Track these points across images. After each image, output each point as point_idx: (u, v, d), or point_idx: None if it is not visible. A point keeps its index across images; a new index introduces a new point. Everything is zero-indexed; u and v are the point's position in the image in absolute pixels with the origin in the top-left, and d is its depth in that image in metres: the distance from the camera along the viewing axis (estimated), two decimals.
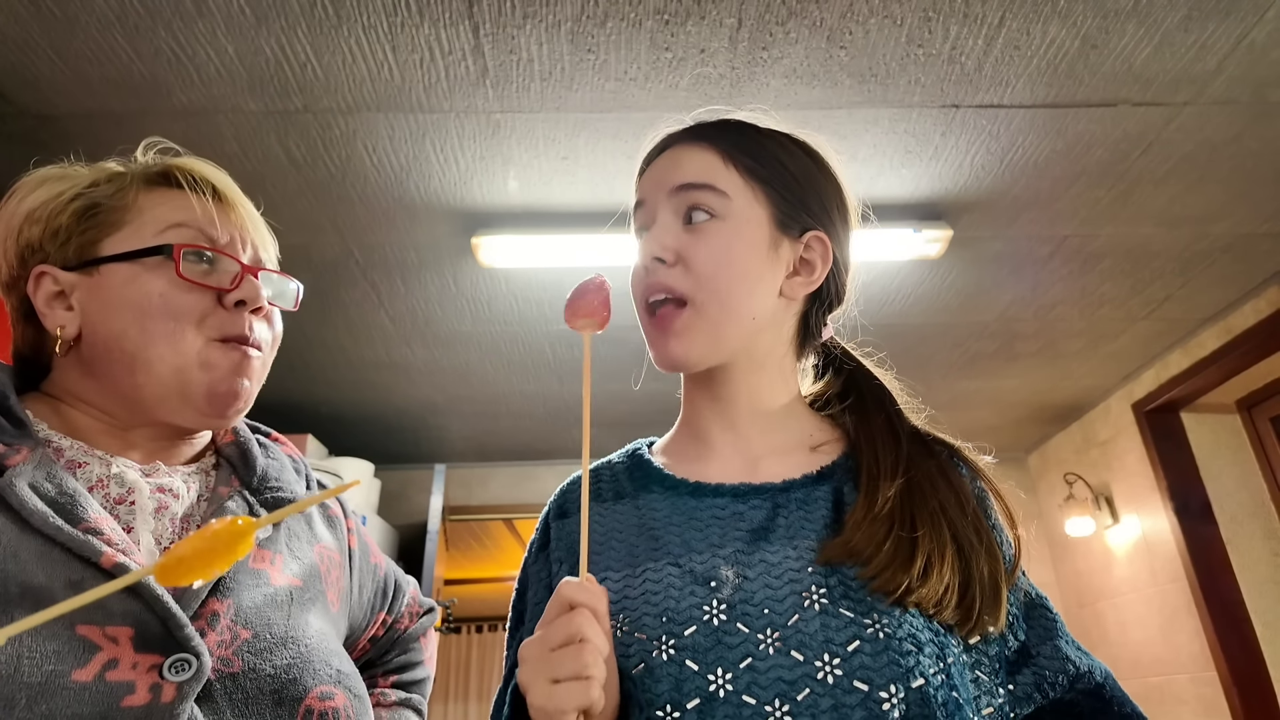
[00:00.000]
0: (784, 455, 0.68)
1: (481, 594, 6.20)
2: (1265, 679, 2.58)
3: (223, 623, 0.58)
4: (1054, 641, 0.63)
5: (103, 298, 0.64)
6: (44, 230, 0.65)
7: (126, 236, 0.65)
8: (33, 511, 0.54)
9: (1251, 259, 2.22)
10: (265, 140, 1.68)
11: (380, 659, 0.89)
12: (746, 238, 0.66)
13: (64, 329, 0.64)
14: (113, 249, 0.65)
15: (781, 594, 0.57)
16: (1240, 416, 2.90)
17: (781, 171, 0.69)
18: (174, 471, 0.67)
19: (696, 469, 0.69)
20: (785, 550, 0.60)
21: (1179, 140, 1.74)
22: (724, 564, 0.60)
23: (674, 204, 0.67)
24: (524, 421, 3.27)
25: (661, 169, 0.70)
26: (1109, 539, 3.21)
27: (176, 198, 0.67)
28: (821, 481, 0.65)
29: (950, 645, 0.57)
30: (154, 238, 0.65)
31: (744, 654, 0.55)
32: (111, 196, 0.66)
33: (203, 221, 0.67)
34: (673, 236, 0.66)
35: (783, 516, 0.62)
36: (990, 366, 2.87)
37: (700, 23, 1.43)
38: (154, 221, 0.66)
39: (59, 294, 0.65)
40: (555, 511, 0.72)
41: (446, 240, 2.06)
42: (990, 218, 2.00)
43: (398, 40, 1.45)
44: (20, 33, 1.39)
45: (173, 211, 0.67)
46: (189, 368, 0.64)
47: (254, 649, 0.59)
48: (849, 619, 0.55)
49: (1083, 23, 1.44)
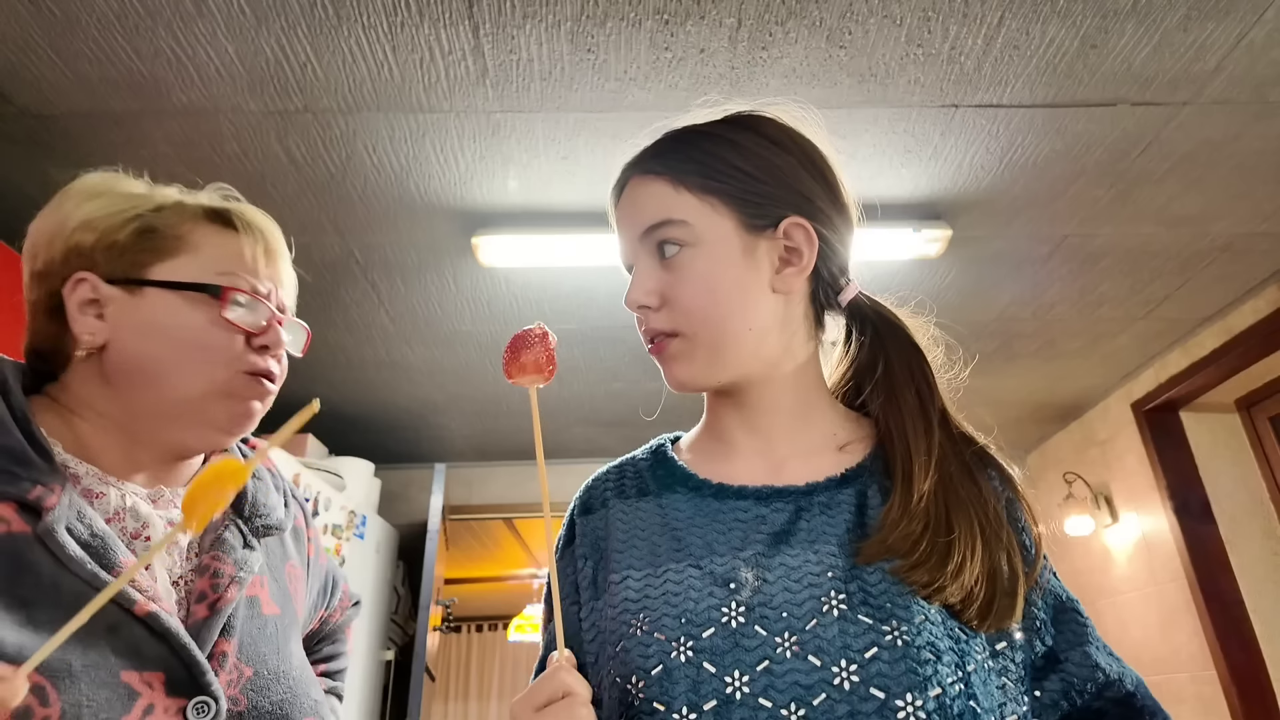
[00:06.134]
0: (808, 457, 0.67)
1: (481, 593, 6.20)
2: (1265, 678, 2.58)
3: (230, 661, 0.63)
4: (1083, 648, 0.62)
5: (140, 318, 0.66)
6: (97, 240, 0.67)
7: (177, 266, 0.68)
8: (72, 558, 0.57)
9: (1251, 258, 2.22)
10: (265, 140, 1.68)
11: (311, 649, 0.93)
12: (719, 256, 0.65)
13: (92, 336, 0.66)
14: (162, 275, 0.67)
15: (800, 598, 0.57)
16: (1240, 416, 2.90)
17: (734, 173, 0.66)
18: (175, 496, 0.70)
19: (720, 469, 0.68)
20: (806, 554, 0.59)
21: (1178, 140, 1.74)
22: (744, 566, 0.60)
23: (645, 246, 0.67)
24: (524, 421, 3.27)
25: (625, 211, 0.70)
26: (1108, 538, 3.21)
27: (231, 241, 0.71)
28: (846, 485, 0.64)
29: (972, 653, 0.56)
30: (203, 274, 0.68)
31: (761, 657, 0.55)
32: (170, 225, 0.69)
33: (250, 269, 0.71)
34: (653, 279, 0.66)
35: (805, 520, 0.62)
36: (990, 366, 2.87)
37: (700, 23, 1.43)
38: (207, 259, 0.69)
39: (93, 302, 0.66)
40: (580, 508, 0.73)
41: (446, 240, 2.06)
42: (989, 217, 2.01)
43: (397, 40, 1.45)
44: (20, 33, 1.40)
45: (226, 254, 0.70)
46: (213, 395, 0.67)
47: (255, 686, 0.64)
48: (867, 625, 0.55)
49: (1082, 22, 1.44)
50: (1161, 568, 2.89)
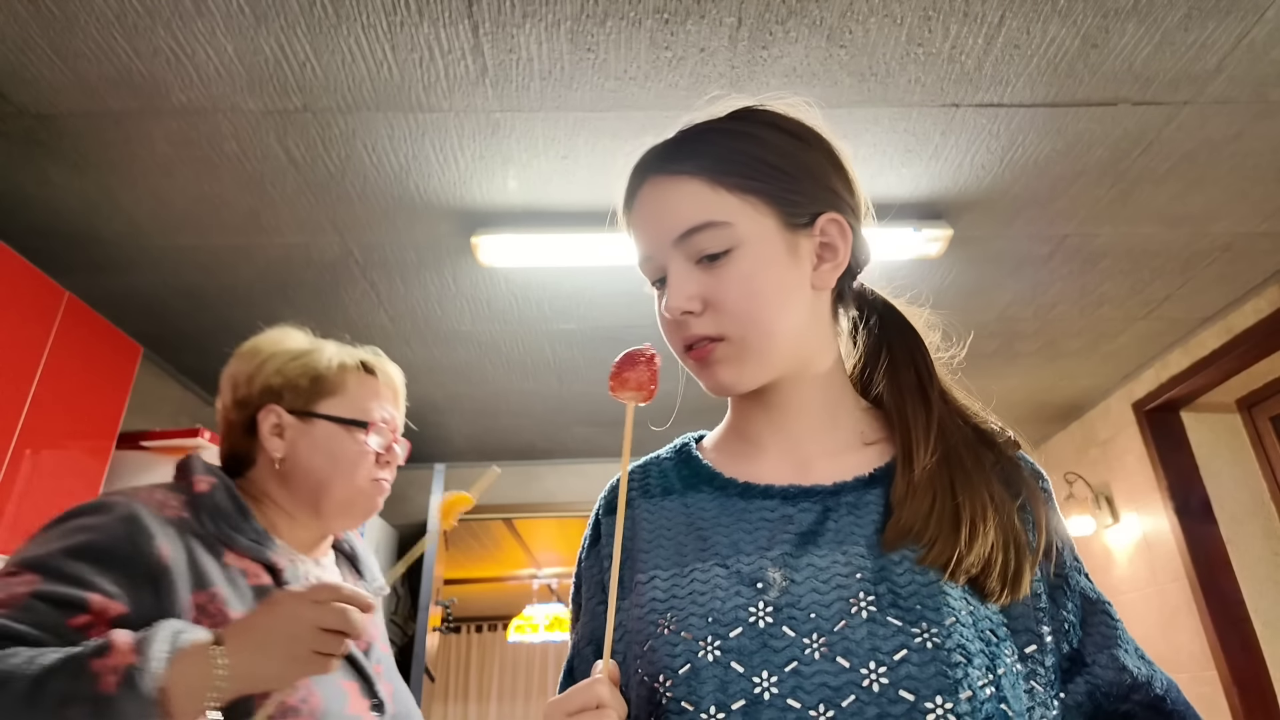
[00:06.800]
0: (835, 456, 0.67)
1: (481, 594, 6.20)
2: (1265, 678, 2.58)
3: (382, 680, 0.92)
4: (1111, 650, 0.62)
5: (310, 440, 0.95)
6: (284, 383, 0.96)
7: (336, 403, 0.97)
8: None
9: (1251, 258, 2.21)
10: (265, 139, 1.68)
11: None
12: (765, 256, 0.63)
13: (278, 452, 0.95)
14: (326, 410, 0.97)
15: (829, 599, 0.57)
16: (1240, 416, 2.90)
17: (771, 171, 0.65)
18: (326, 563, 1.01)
19: (746, 469, 0.68)
20: (834, 555, 0.59)
21: (1179, 139, 1.74)
22: (771, 566, 0.59)
23: (682, 252, 0.64)
24: (524, 420, 3.27)
25: (652, 215, 0.66)
26: (1109, 538, 3.21)
27: (374, 386, 1.01)
28: (874, 484, 0.64)
29: (1002, 656, 0.56)
30: (353, 410, 0.97)
31: (789, 658, 0.55)
32: (333, 374, 0.98)
33: (386, 408, 1.01)
34: (694, 284, 0.63)
35: (832, 520, 0.61)
36: (990, 366, 2.87)
37: (700, 22, 1.43)
38: (357, 399, 0.99)
39: (278, 426, 0.95)
40: (605, 508, 0.73)
41: (446, 239, 2.05)
42: (990, 217, 2.00)
43: (397, 39, 1.45)
44: (19, 32, 1.39)
45: (370, 398, 1.00)
46: (358, 496, 0.97)
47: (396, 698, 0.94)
48: (897, 628, 0.55)
49: (1083, 22, 1.44)
50: (1162, 568, 2.89)
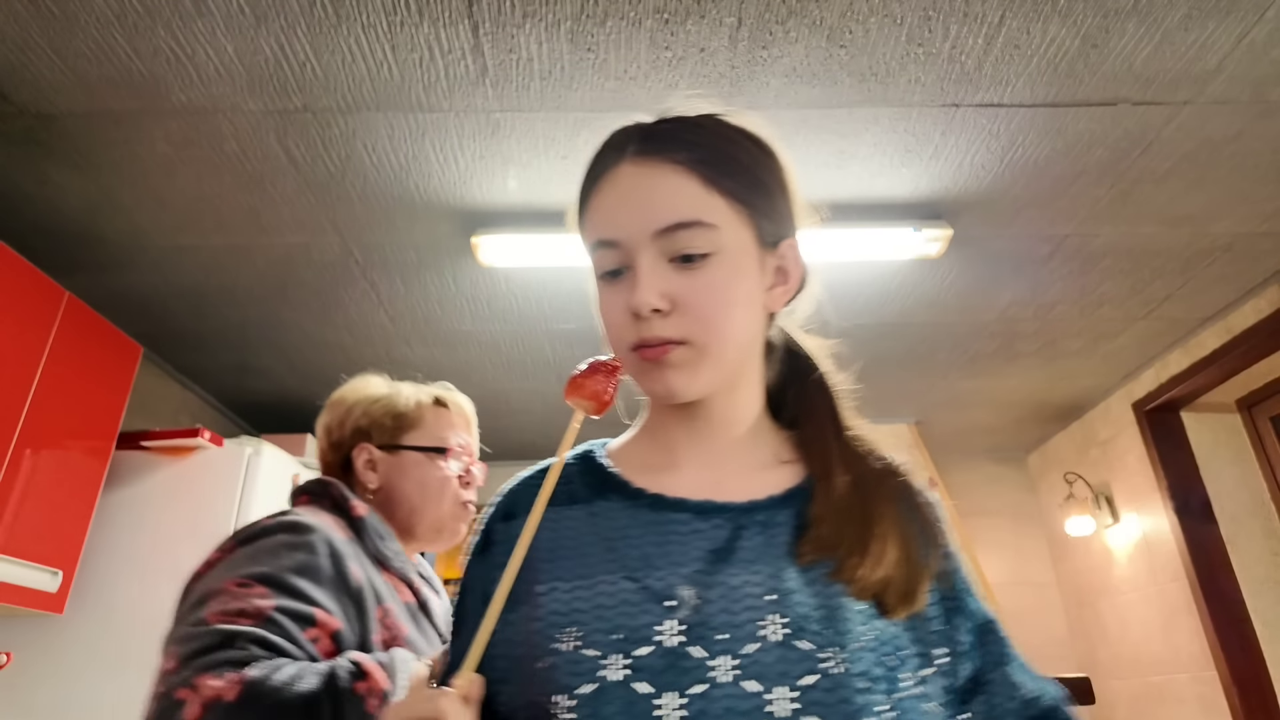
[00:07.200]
0: (750, 474, 0.65)
1: None
2: (1265, 678, 2.58)
3: None
4: (1004, 667, 0.62)
5: (399, 471, 1.09)
6: (371, 424, 1.10)
7: (418, 435, 1.11)
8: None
9: (1252, 258, 2.21)
10: (265, 139, 1.68)
11: None
12: (740, 268, 0.62)
13: (372, 484, 1.08)
14: (410, 442, 1.11)
15: (740, 619, 0.55)
16: (1240, 416, 2.90)
17: (758, 185, 0.64)
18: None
19: (658, 480, 0.65)
20: (745, 575, 0.58)
21: (1179, 139, 1.74)
22: (683, 583, 0.58)
23: (660, 246, 0.61)
24: (524, 420, 3.27)
25: (632, 200, 0.63)
26: (1109, 538, 3.21)
27: (448, 418, 1.15)
28: (786, 504, 0.62)
29: (902, 680, 0.56)
30: (432, 440, 1.11)
31: (697, 679, 0.53)
32: (412, 410, 1.12)
33: (461, 435, 1.14)
34: (665, 280, 0.60)
35: (745, 539, 0.60)
36: (990, 366, 2.87)
37: (700, 21, 1.43)
38: (435, 429, 1.12)
39: (370, 461, 1.09)
40: (500, 513, 0.70)
41: (446, 239, 2.05)
42: (990, 217, 2.00)
43: (397, 39, 1.45)
44: (19, 32, 1.39)
45: (448, 428, 1.14)
46: (446, 518, 1.10)
47: None
48: (806, 652, 0.54)
49: (1083, 22, 1.44)
50: (1162, 568, 2.89)
